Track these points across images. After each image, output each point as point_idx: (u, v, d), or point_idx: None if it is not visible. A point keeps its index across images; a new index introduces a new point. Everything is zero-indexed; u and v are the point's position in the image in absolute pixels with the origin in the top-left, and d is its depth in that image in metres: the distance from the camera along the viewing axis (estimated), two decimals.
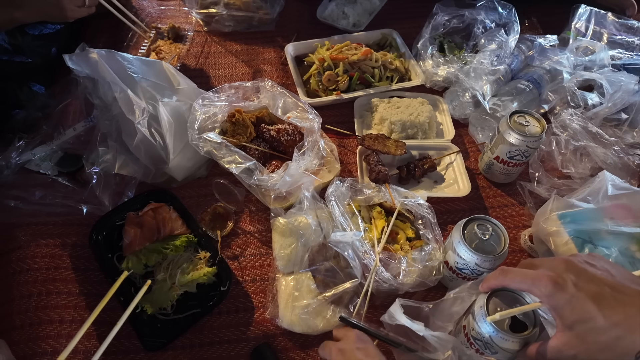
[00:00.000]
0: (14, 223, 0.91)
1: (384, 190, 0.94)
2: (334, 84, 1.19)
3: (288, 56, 1.26)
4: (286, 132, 1.00)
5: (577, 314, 0.54)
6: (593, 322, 0.53)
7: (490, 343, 0.65)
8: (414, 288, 0.84)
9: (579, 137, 1.01)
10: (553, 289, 0.56)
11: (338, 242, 0.83)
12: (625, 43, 1.28)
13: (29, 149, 0.98)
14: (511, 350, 0.64)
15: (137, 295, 0.77)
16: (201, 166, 1.04)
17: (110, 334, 0.69)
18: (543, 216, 0.89)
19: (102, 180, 0.93)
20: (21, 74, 1.13)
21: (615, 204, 0.85)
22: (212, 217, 0.96)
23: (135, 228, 0.89)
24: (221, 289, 0.85)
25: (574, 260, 0.58)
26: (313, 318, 0.81)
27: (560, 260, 0.59)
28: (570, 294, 0.55)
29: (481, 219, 0.80)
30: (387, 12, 1.44)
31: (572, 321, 0.55)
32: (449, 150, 1.09)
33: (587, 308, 0.54)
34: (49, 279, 0.85)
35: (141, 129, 0.90)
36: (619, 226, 0.82)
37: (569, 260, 0.58)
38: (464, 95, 1.14)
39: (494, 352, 0.66)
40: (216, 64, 1.30)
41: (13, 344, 0.77)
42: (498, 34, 1.20)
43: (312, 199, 0.90)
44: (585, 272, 0.56)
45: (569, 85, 1.11)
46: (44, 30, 1.15)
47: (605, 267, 0.57)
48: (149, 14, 1.40)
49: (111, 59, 0.91)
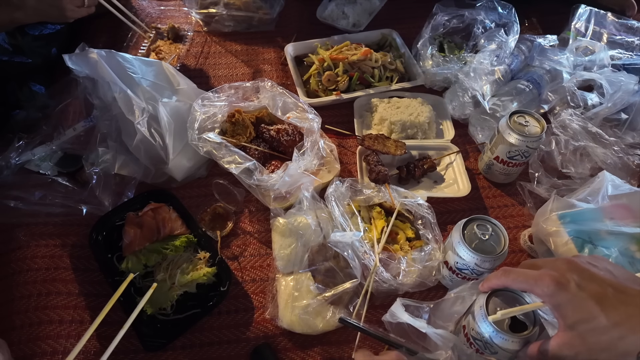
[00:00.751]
0: (13, 223, 0.91)
1: (383, 191, 0.94)
2: (334, 84, 1.19)
3: (288, 56, 1.26)
4: (286, 132, 1.00)
5: (579, 314, 0.54)
6: (595, 322, 0.53)
7: (490, 343, 0.65)
8: (414, 288, 0.84)
9: (578, 137, 1.01)
10: (555, 288, 0.56)
11: (338, 242, 0.83)
12: (625, 43, 1.28)
13: (29, 149, 0.98)
14: (511, 350, 0.64)
15: (143, 299, 0.76)
16: (201, 166, 1.04)
17: (114, 339, 0.69)
18: (543, 216, 0.89)
19: (102, 180, 0.93)
20: (21, 74, 1.13)
21: (615, 204, 0.85)
22: (212, 217, 0.96)
23: (135, 228, 0.89)
24: (221, 289, 0.85)
25: (577, 260, 0.58)
26: (313, 318, 0.81)
27: (563, 261, 0.59)
28: (573, 293, 0.55)
29: (481, 219, 0.80)
30: (387, 12, 1.44)
31: (573, 321, 0.55)
32: (449, 150, 1.09)
33: (589, 308, 0.54)
34: (49, 279, 0.85)
35: (141, 129, 0.90)
36: (619, 226, 0.82)
37: (572, 261, 0.59)
38: (464, 96, 1.14)
39: (493, 352, 0.65)
40: (216, 64, 1.30)
41: (13, 344, 0.77)
42: (498, 34, 1.20)
43: (312, 199, 0.90)
44: (588, 272, 0.56)
45: (568, 85, 1.11)
46: (44, 30, 1.15)
47: (607, 267, 0.57)
48: (149, 14, 1.40)
49: (111, 59, 0.91)
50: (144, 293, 0.83)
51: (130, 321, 0.72)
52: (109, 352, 0.67)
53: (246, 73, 1.28)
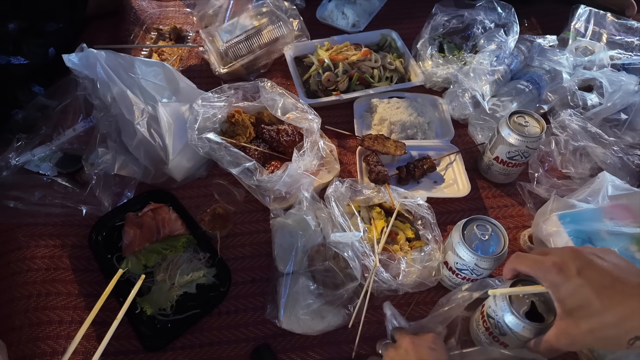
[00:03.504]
0: (13, 224, 0.91)
1: (383, 191, 0.94)
2: (334, 85, 1.19)
3: (287, 57, 1.26)
4: (286, 133, 1.00)
5: (576, 300, 0.55)
6: (590, 308, 0.54)
7: (501, 323, 0.66)
8: (414, 289, 0.84)
9: (578, 138, 1.01)
10: (557, 275, 0.57)
11: (337, 242, 0.83)
12: (624, 43, 1.28)
13: (29, 149, 0.98)
14: (521, 336, 0.65)
15: (133, 290, 0.76)
16: (201, 167, 1.04)
17: (108, 332, 0.69)
18: (543, 216, 0.89)
19: (102, 180, 0.93)
20: (20, 75, 1.13)
21: (615, 204, 0.85)
22: (212, 217, 0.96)
23: (134, 229, 0.89)
24: (221, 290, 0.85)
25: (582, 250, 0.59)
26: (313, 318, 0.81)
27: (569, 249, 0.61)
28: (573, 281, 0.56)
29: (481, 219, 0.80)
30: (386, 12, 1.44)
31: (570, 307, 0.56)
32: (449, 150, 1.09)
33: (586, 294, 0.54)
34: (49, 279, 0.85)
35: (141, 130, 0.90)
36: (619, 226, 0.82)
37: (577, 249, 0.60)
38: (464, 96, 1.14)
39: (502, 333, 0.67)
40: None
41: (12, 344, 0.77)
42: (497, 34, 1.20)
43: (312, 200, 0.90)
44: (592, 262, 0.57)
45: (568, 85, 1.11)
46: (43, 30, 1.14)
47: (613, 260, 0.58)
48: (150, 15, 1.40)
49: (110, 60, 0.92)
50: (143, 294, 0.84)
51: (123, 312, 0.72)
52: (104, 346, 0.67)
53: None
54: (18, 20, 1.08)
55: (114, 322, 0.69)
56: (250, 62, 1.22)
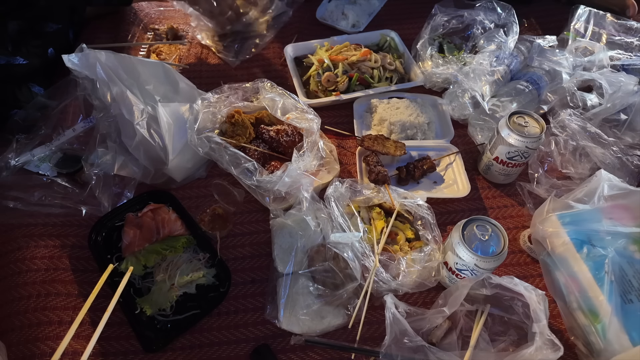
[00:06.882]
0: (12, 224, 0.91)
1: (383, 191, 0.94)
2: (334, 85, 1.19)
3: (287, 57, 1.27)
4: (285, 133, 1.00)
5: None
6: None
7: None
8: (414, 289, 0.84)
9: (578, 138, 1.01)
10: None
11: (337, 243, 0.83)
12: (624, 44, 1.28)
13: (28, 149, 0.98)
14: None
15: (122, 280, 0.78)
16: (200, 167, 1.04)
17: (98, 327, 0.70)
18: (539, 217, 0.89)
19: (102, 181, 0.93)
20: (20, 75, 1.12)
21: (614, 204, 0.84)
22: (212, 217, 0.96)
23: (134, 229, 0.89)
24: (220, 290, 0.85)
25: None
26: (312, 319, 0.81)
27: None
28: None
29: (480, 219, 0.80)
30: (386, 13, 1.44)
31: None
32: (449, 150, 1.09)
33: None
34: (48, 280, 0.85)
35: (140, 130, 0.90)
36: (618, 227, 0.82)
37: None
38: (464, 96, 1.14)
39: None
40: (216, 64, 1.30)
41: (12, 345, 0.77)
42: (497, 34, 1.20)
43: (312, 200, 0.90)
44: None
45: (568, 86, 1.11)
46: (43, 31, 1.14)
47: None
48: (148, 15, 1.40)
49: (110, 60, 0.91)
50: (143, 294, 0.84)
51: (114, 302, 0.73)
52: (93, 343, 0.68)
53: (246, 74, 1.28)
54: (17, 20, 1.08)
55: (105, 315, 0.70)
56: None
